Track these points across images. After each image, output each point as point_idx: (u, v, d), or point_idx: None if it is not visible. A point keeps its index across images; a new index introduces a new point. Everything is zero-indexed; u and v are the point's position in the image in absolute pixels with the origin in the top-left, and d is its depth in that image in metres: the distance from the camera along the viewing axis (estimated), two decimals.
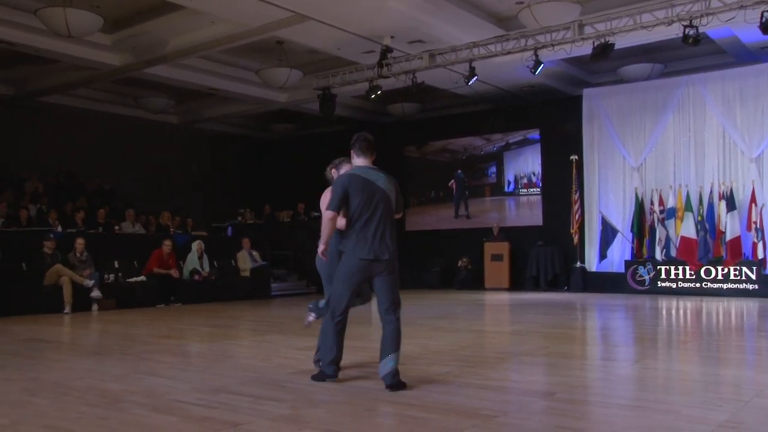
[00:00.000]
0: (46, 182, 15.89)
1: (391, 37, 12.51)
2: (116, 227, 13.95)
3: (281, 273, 16.25)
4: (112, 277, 12.20)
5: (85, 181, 16.78)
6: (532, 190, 17.04)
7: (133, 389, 4.75)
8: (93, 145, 17.58)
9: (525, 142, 17.22)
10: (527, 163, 17.20)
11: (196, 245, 13.50)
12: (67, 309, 10.91)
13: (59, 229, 12.66)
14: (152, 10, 12.14)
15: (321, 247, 4.82)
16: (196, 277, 13.19)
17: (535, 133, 16.93)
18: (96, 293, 11.33)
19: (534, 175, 17.02)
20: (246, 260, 14.66)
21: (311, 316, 5.33)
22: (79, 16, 10.65)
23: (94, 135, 17.70)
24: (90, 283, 11.28)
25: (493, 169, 17.72)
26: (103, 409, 4.17)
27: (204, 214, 18.59)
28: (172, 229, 14.77)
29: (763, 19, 10.07)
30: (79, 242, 11.62)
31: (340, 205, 4.78)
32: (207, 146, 20.33)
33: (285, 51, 13.52)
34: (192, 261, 13.35)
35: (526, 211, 17.08)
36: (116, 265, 12.55)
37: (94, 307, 11.30)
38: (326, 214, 4.77)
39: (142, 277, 12.46)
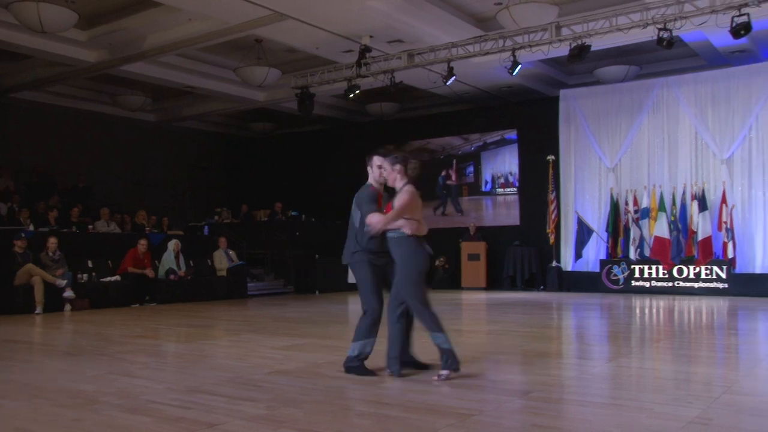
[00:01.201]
0: (19, 180, 15.65)
1: (370, 36, 12.49)
2: (90, 226, 13.78)
3: (258, 272, 16.17)
4: (85, 276, 12.05)
5: (59, 179, 16.56)
6: (508, 189, 17.16)
7: (107, 390, 4.70)
8: (68, 143, 17.35)
9: (502, 142, 17.31)
10: (504, 163, 17.31)
11: (172, 244, 13.39)
12: (39, 309, 10.76)
13: (31, 228, 12.48)
14: (129, 6, 12.01)
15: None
16: (172, 276, 13.08)
17: (512, 133, 17.02)
18: (69, 293, 11.18)
19: (511, 174, 17.12)
20: (222, 260, 14.57)
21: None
22: (52, 11, 10.49)
23: (69, 132, 17.47)
24: (62, 282, 11.13)
25: (471, 169, 17.82)
26: (76, 411, 4.11)
27: (180, 213, 18.44)
28: (147, 228, 14.64)
29: (734, 24, 10.23)
30: (52, 241, 11.46)
31: None
32: (184, 145, 20.16)
33: (264, 49, 13.46)
34: (168, 260, 13.24)
35: (503, 210, 17.19)
36: (90, 264, 12.40)
37: (67, 307, 11.16)
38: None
39: (117, 277, 12.33)
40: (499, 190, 17.35)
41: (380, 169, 5.22)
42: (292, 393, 4.60)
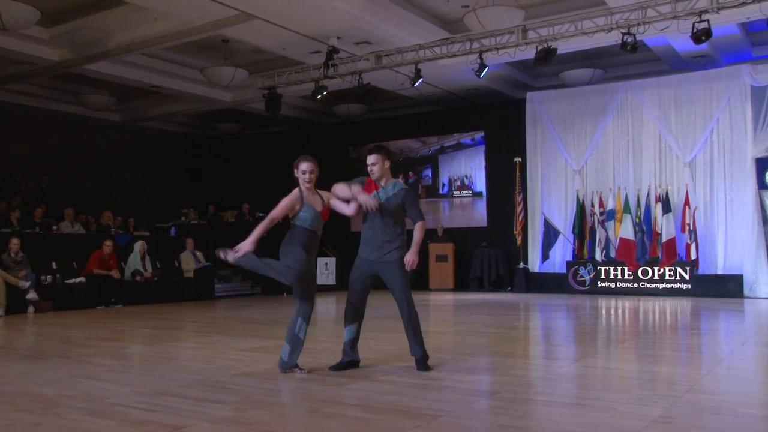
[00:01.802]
0: None
1: (338, 37, 12.49)
2: (54, 227, 13.53)
3: (225, 274, 16.05)
4: (49, 278, 11.83)
5: (21, 179, 16.22)
6: (465, 192, 17.43)
7: (70, 393, 4.61)
8: (30, 143, 17.01)
9: (459, 146, 17.57)
10: (461, 166, 17.54)
11: (138, 246, 13.22)
12: (1, 311, 10.54)
13: None
14: (93, 4, 11.83)
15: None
16: (138, 278, 12.92)
17: (468, 138, 17.23)
18: (32, 295, 10.97)
19: (467, 177, 17.38)
20: (189, 261, 14.43)
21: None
22: (14, 7, 10.29)
23: (31, 132, 17.13)
24: (25, 284, 10.92)
25: (429, 172, 18.00)
26: (37, 415, 4.03)
27: (147, 214, 18.20)
28: (113, 229, 14.44)
29: (695, 30, 10.44)
30: (14, 242, 11.23)
31: None
32: (150, 145, 19.92)
33: (230, 50, 13.36)
34: (134, 262, 13.07)
35: (460, 212, 17.49)
36: (54, 265, 12.18)
37: (30, 309, 10.94)
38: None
39: (82, 278, 12.14)
40: (456, 193, 17.55)
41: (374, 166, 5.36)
42: (259, 395, 4.57)
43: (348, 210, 5.31)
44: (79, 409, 4.16)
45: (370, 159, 5.37)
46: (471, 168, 17.30)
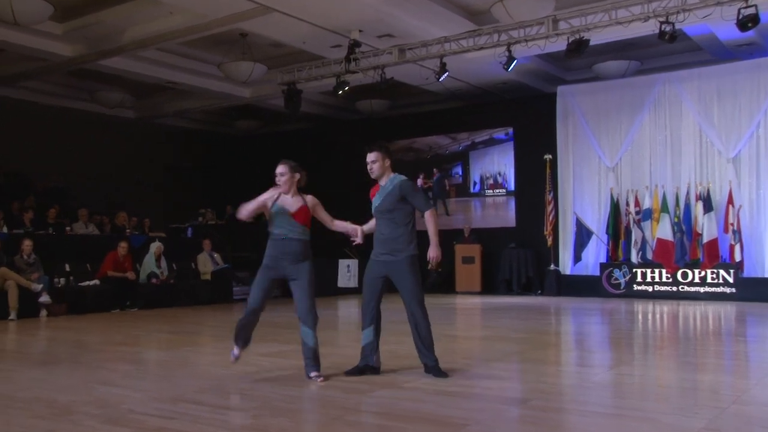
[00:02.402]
0: None
1: (360, 30, 12.47)
2: (68, 228, 13.69)
3: (244, 276, 16.07)
4: (62, 281, 11.96)
5: (34, 179, 16.44)
6: (498, 191, 17.23)
7: (85, 400, 4.65)
8: (44, 142, 17.22)
9: (491, 142, 17.37)
10: (493, 163, 17.37)
11: (153, 247, 13.32)
12: (13, 315, 10.66)
13: (5, 230, 12.37)
14: None
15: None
16: (154, 280, 13.02)
17: (501, 133, 17.09)
18: (45, 298, 11.09)
19: (500, 175, 17.20)
20: (207, 263, 14.51)
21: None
22: (26, 2, 10.40)
23: (45, 130, 17.35)
24: (38, 287, 11.04)
25: (459, 170, 17.85)
26: (51, 422, 4.07)
27: (162, 215, 18.34)
28: (128, 230, 14.56)
29: (740, 17, 10.24)
30: (27, 244, 11.37)
31: None
32: (166, 143, 20.08)
33: (248, 44, 13.41)
34: (149, 263, 13.17)
35: (492, 212, 17.29)
36: (67, 268, 12.29)
37: (43, 312, 11.06)
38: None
39: (96, 281, 12.25)
40: (489, 192, 17.39)
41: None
42: (279, 401, 4.58)
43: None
44: (95, 415, 4.20)
45: (370, 157, 5.43)
46: (504, 165, 17.09)
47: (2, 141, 16.57)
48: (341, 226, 5.59)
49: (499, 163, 17.23)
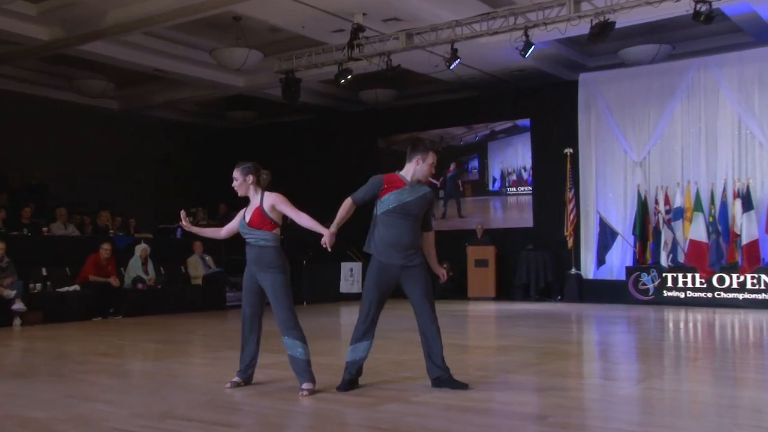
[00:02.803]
0: None
1: (363, 14, 12.47)
2: (45, 228, 13.69)
3: (238, 281, 16.05)
4: (38, 286, 11.95)
5: (7, 175, 16.45)
6: (523, 188, 16.97)
7: (63, 417, 4.65)
8: (17, 134, 17.23)
9: (515, 130, 17.04)
10: (517, 156, 17.01)
11: (139, 249, 13.34)
12: None
13: None
14: None
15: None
16: (140, 285, 13.04)
17: (525, 120, 16.95)
18: (19, 305, 11.08)
19: (525, 170, 16.93)
20: (198, 266, 14.53)
21: None
22: None
23: (18, 121, 17.34)
24: (11, 293, 11.04)
25: (475, 163, 17.58)
26: None
27: (149, 214, 18.36)
28: (111, 231, 14.58)
29: None
30: None
31: None
32: (153, 136, 20.10)
33: (243, 28, 13.42)
34: (135, 267, 13.19)
35: (516, 214, 17.02)
36: (44, 272, 12.30)
37: (17, 321, 11.06)
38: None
39: (76, 286, 12.26)
40: (511, 190, 17.19)
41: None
42: (275, 417, 4.57)
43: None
44: None
45: (434, 158, 5.58)
46: (530, 158, 16.81)
47: None
48: (308, 223, 5.51)
49: (524, 156, 16.89)
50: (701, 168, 14.44)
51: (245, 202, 5.80)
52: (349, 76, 13.92)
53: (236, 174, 5.76)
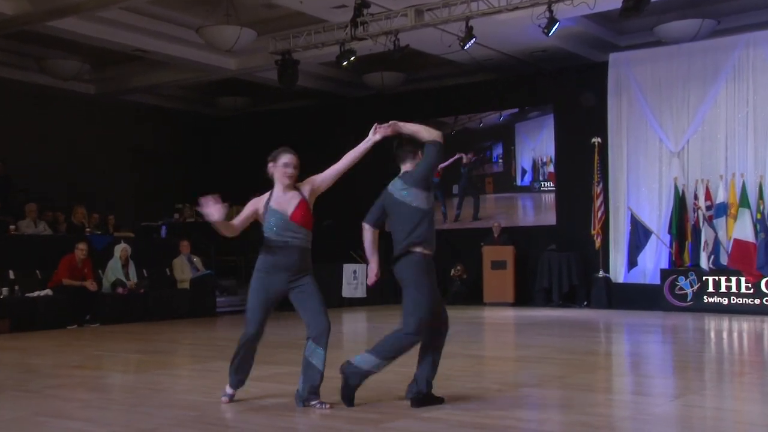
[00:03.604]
0: None
1: None
2: (12, 227, 13.72)
3: (229, 284, 16.16)
4: (5, 291, 11.98)
5: None
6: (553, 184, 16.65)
7: None
8: None
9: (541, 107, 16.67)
10: (550, 141, 16.43)
11: (119, 250, 13.37)
12: None
13: None
14: None
15: None
16: (120, 290, 13.06)
17: (546, 108, 16.90)
18: None
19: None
20: (185, 268, 14.55)
21: None
22: None
23: None
24: None
25: (499, 150, 17.14)
26: None
27: (130, 210, 18.40)
28: (88, 229, 14.61)
29: None
30: None
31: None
32: (134, 124, 20.12)
33: (234, 4, 13.44)
34: (114, 269, 13.22)
35: (546, 214, 16.76)
36: (11, 275, 12.36)
37: None
38: None
39: (48, 291, 12.29)
40: (546, 185, 16.76)
41: None
42: None
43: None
44: None
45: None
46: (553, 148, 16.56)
47: None
48: (349, 158, 5.86)
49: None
50: (748, 158, 14.38)
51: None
52: (352, 58, 13.91)
53: (296, 161, 5.69)
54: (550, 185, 16.66)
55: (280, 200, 5.55)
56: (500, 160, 17.11)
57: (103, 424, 5.01)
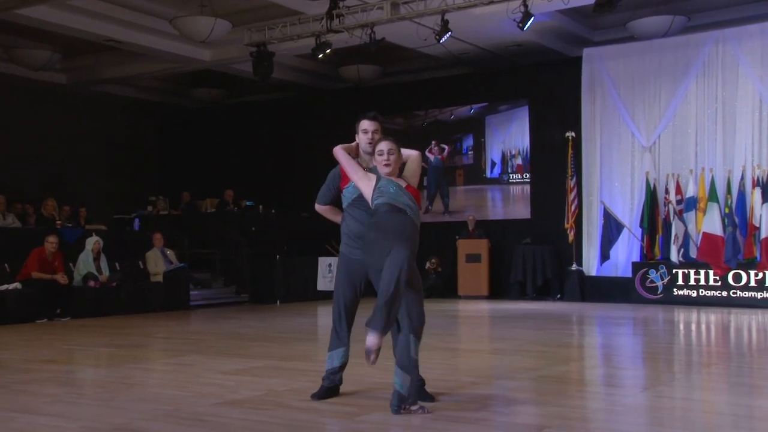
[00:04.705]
0: None
1: None
2: None
3: (204, 277, 16.09)
4: None
5: None
6: (528, 175, 16.75)
7: None
8: None
9: (520, 102, 16.75)
10: (524, 134, 16.57)
11: (91, 243, 13.26)
12: None
13: None
14: None
15: None
16: (92, 283, 12.96)
17: (519, 103, 16.93)
18: None
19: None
20: (158, 261, 14.46)
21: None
22: None
23: None
24: None
25: (470, 142, 17.22)
26: None
27: (102, 203, 18.26)
28: (58, 222, 14.48)
29: None
30: None
31: None
32: (107, 115, 19.95)
33: None
34: (85, 263, 13.11)
35: (520, 207, 16.84)
36: None
37: None
38: None
39: (17, 284, 12.16)
40: (515, 177, 16.91)
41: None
42: (246, 429, 4.58)
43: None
44: None
45: (369, 124, 5.54)
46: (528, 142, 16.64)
47: None
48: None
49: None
50: (717, 154, 14.50)
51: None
52: (327, 51, 13.87)
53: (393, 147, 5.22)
54: (518, 177, 16.75)
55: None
56: (470, 152, 17.21)
57: (74, 419, 4.96)
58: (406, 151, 5.37)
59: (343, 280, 5.45)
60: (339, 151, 5.35)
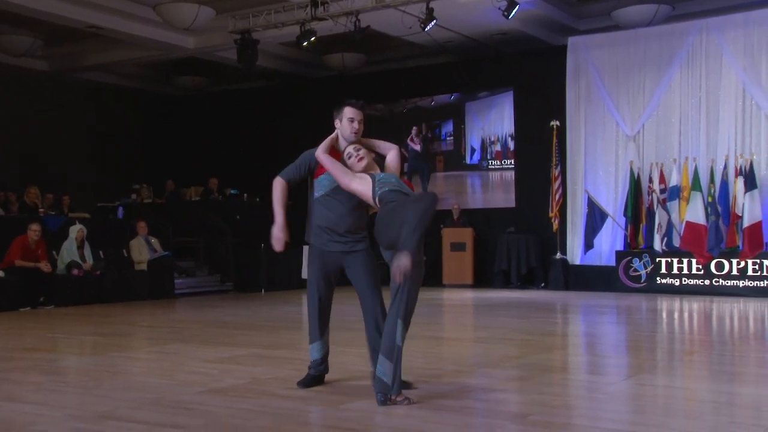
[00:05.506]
0: None
1: None
2: None
3: (188, 266, 16.06)
4: None
5: None
6: (508, 162, 16.81)
7: None
8: None
9: (500, 89, 16.76)
10: (502, 121, 16.60)
11: (74, 231, 13.20)
12: None
13: None
14: None
15: None
16: (75, 271, 12.91)
17: (499, 90, 16.92)
18: None
19: (512, 138, 16.64)
20: (142, 250, 14.43)
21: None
22: None
23: None
24: None
25: (450, 128, 17.21)
26: None
27: (86, 191, 18.16)
28: (41, 210, 14.42)
29: None
30: None
31: None
32: (90, 102, 19.84)
33: None
34: (69, 251, 13.06)
35: (500, 194, 16.87)
36: None
37: None
38: None
39: (0, 273, 12.11)
40: (494, 164, 17.06)
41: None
42: (230, 417, 4.58)
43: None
44: None
45: (353, 112, 5.45)
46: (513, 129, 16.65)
47: None
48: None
49: (511, 122, 16.65)
50: (700, 143, 14.55)
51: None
52: (312, 38, 13.83)
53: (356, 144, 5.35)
54: (497, 164, 16.79)
55: None
56: (449, 138, 17.23)
57: (58, 407, 4.95)
58: (384, 145, 5.37)
59: (318, 274, 5.43)
60: (323, 157, 5.22)
